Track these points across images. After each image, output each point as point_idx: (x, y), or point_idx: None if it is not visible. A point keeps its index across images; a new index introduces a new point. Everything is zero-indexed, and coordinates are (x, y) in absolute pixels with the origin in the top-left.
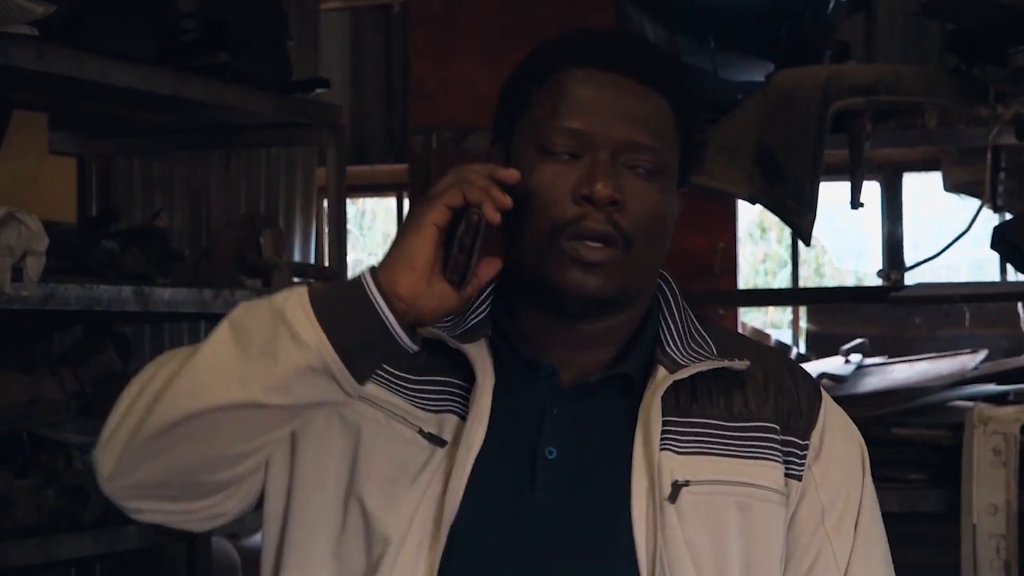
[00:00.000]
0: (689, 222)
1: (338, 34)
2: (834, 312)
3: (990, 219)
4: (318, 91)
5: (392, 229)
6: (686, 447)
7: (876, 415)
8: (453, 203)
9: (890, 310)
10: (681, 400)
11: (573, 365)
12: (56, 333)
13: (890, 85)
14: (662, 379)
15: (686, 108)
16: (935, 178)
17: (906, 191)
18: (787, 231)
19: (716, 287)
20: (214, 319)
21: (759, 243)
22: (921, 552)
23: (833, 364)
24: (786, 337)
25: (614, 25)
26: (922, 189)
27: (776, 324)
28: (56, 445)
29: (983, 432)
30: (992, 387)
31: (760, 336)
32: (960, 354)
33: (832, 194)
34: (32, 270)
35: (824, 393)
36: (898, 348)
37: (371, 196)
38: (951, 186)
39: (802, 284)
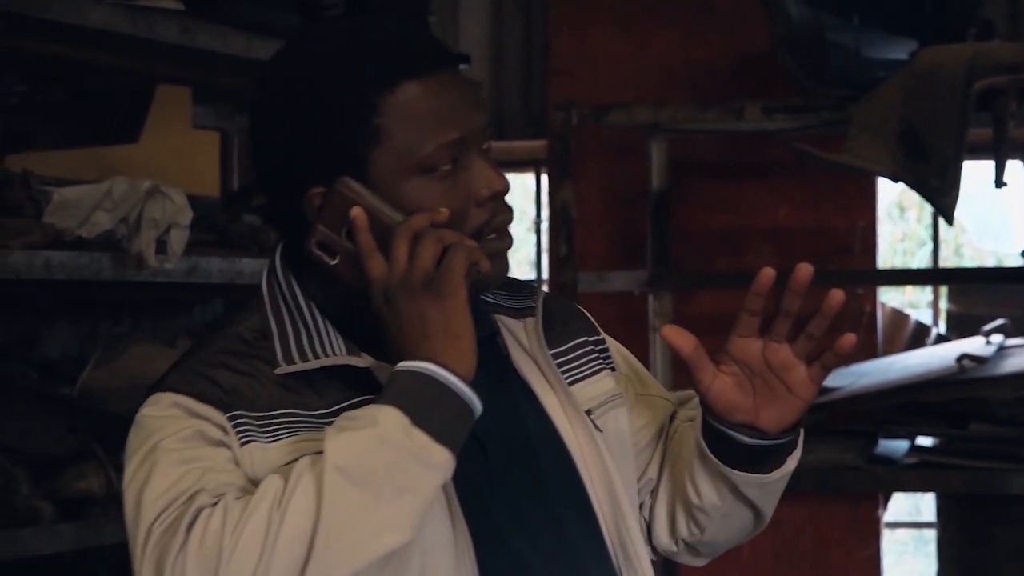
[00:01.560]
0: (828, 200)
1: (478, 9)
2: (975, 293)
3: None
4: (459, 67)
5: (529, 207)
6: (567, 379)
7: (1018, 396)
8: (465, 271)
9: None
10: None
11: None
12: (198, 306)
13: None
14: (526, 326)
15: None
16: None
17: None
18: (927, 210)
19: (855, 266)
20: None
21: (898, 223)
22: None
23: (974, 345)
24: (926, 317)
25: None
26: None
27: (914, 304)
28: None
29: None
30: None
31: (899, 316)
32: None
33: (974, 173)
34: (176, 243)
35: None
36: None
37: (509, 172)
38: None
39: (941, 264)
